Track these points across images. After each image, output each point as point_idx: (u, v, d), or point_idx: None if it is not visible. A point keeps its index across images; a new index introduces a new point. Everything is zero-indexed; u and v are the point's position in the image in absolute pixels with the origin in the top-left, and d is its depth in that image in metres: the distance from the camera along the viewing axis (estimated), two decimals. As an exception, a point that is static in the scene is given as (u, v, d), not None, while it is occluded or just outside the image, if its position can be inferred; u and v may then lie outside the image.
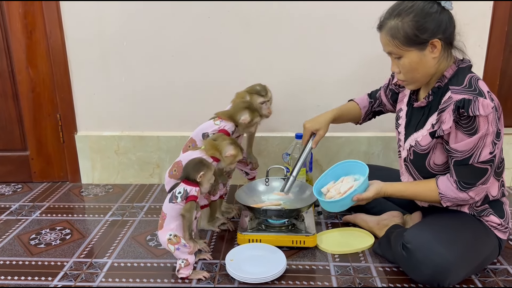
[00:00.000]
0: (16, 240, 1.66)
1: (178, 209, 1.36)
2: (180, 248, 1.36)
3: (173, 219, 1.37)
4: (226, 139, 1.55)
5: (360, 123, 1.76)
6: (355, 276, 1.40)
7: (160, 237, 1.40)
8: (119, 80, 2.07)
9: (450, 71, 1.33)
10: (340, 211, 1.59)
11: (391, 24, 1.29)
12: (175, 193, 1.37)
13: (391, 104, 1.66)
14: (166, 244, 1.37)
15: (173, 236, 1.36)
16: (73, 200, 2.02)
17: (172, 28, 1.98)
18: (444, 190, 1.32)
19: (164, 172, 2.17)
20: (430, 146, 1.35)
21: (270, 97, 1.77)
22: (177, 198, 1.36)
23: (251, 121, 1.64)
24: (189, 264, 1.38)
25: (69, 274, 1.43)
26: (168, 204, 1.38)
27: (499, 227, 1.38)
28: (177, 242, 1.36)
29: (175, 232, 1.37)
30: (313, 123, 1.62)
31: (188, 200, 1.36)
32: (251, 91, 1.75)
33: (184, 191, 1.36)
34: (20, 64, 2.05)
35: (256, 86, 1.76)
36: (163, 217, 1.39)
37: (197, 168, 1.40)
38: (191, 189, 1.37)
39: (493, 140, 1.25)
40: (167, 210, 1.38)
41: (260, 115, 1.67)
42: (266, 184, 1.75)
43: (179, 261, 1.38)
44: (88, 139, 2.15)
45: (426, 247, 1.28)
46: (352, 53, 1.98)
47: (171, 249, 1.37)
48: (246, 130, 1.69)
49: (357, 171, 1.48)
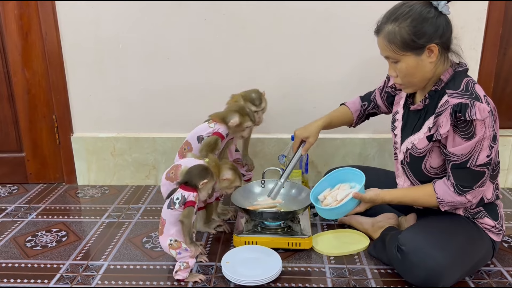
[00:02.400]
0: (12, 242, 1.66)
1: (176, 215, 1.36)
2: (181, 252, 1.37)
3: (172, 225, 1.37)
4: (228, 163, 1.55)
5: (353, 126, 1.77)
6: (350, 278, 1.41)
7: (161, 242, 1.40)
8: (115, 81, 2.07)
9: (447, 74, 1.34)
10: (335, 218, 1.61)
11: (388, 28, 1.29)
12: (173, 199, 1.37)
13: (386, 106, 1.66)
14: (167, 249, 1.38)
15: (174, 241, 1.37)
16: (69, 202, 2.02)
17: (168, 30, 1.98)
18: (442, 195, 1.33)
19: (160, 173, 2.17)
20: (427, 149, 1.36)
21: (263, 107, 1.76)
22: (175, 204, 1.36)
23: (240, 124, 1.64)
24: (188, 267, 1.39)
25: (65, 276, 1.44)
26: (167, 210, 1.38)
27: (493, 230, 1.39)
28: (178, 247, 1.37)
29: (175, 237, 1.37)
30: (303, 131, 1.62)
31: (186, 205, 1.36)
32: (246, 97, 1.74)
33: (182, 197, 1.36)
34: (16, 65, 2.05)
35: (252, 93, 1.75)
36: (163, 222, 1.39)
37: (202, 174, 1.39)
38: (189, 194, 1.36)
39: (489, 143, 1.26)
40: (166, 216, 1.38)
41: (251, 120, 1.66)
42: (262, 186, 1.76)
43: (179, 263, 1.39)
44: (84, 141, 2.15)
45: (420, 249, 1.29)
46: (349, 55, 1.98)
47: (172, 254, 1.38)
48: (237, 133, 1.68)
49: (354, 178, 1.49)
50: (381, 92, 1.66)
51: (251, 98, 1.73)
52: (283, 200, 1.72)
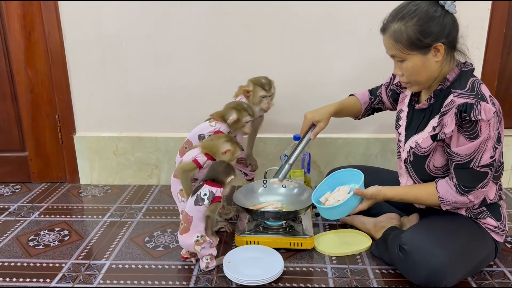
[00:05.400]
0: (15, 241, 1.67)
1: (204, 211, 1.40)
2: (205, 246, 1.41)
3: (200, 221, 1.40)
4: (221, 137, 1.55)
5: (359, 118, 1.76)
6: (352, 278, 1.41)
7: (185, 240, 1.42)
8: (117, 81, 2.07)
9: (453, 74, 1.33)
10: (339, 218, 1.60)
11: (394, 27, 1.28)
12: (201, 196, 1.39)
13: (391, 103, 1.66)
14: (192, 246, 1.41)
15: (200, 237, 1.40)
16: (71, 201, 2.03)
17: (171, 29, 1.98)
18: (444, 194, 1.33)
19: (162, 172, 2.18)
20: (431, 149, 1.35)
21: (272, 93, 1.76)
22: (204, 200, 1.39)
23: (238, 120, 1.63)
24: (213, 257, 1.44)
25: (67, 276, 1.44)
26: (194, 207, 1.40)
27: (496, 230, 1.38)
28: (204, 241, 1.40)
29: (202, 233, 1.41)
30: (315, 114, 1.61)
31: (214, 201, 1.39)
32: (256, 82, 1.74)
33: (210, 193, 1.39)
34: (19, 64, 2.05)
35: (262, 78, 1.75)
36: (189, 220, 1.40)
37: (228, 171, 1.43)
38: (217, 190, 1.40)
39: (494, 144, 1.26)
40: (193, 213, 1.40)
41: (250, 114, 1.65)
42: (264, 186, 1.76)
43: (204, 259, 1.43)
44: (87, 140, 2.15)
45: (423, 249, 1.28)
46: (351, 55, 1.98)
47: (197, 250, 1.41)
48: (237, 130, 1.67)
49: (353, 179, 1.49)
50: (386, 88, 1.65)
51: (261, 83, 1.73)
52: (285, 200, 1.72)
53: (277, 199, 1.73)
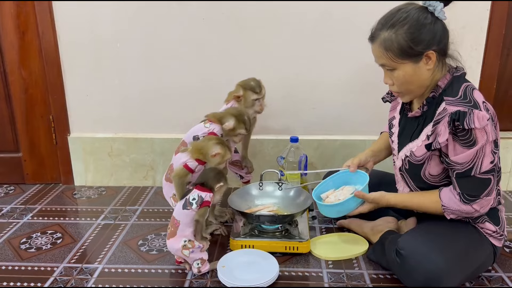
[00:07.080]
0: (7, 244, 1.64)
1: (192, 215, 1.37)
2: (194, 250, 1.38)
3: (186, 226, 1.38)
4: (212, 139, 1.53)
5: None
6: (348, 283, 1.39)
7: (172, 244, 1.39)
8: (112, 81, 2.05)
9: (445, 80, 1.31)
10: (336, 216, 1.59)
11: (384, 35, 1.26)
12: (189, 200, 1.38)
13: None
14: (180, 250, 1.38)
15: (188, 242, 1.38)
16: (65, 203, 2.00)
17: (166, 30, 1.96)
18: (447, 202, 1.31)
19: (157, 174, 2.16)
20: (425, 157, 1.34)
21: (263, 94, 1.75)
22: (192, 205, 1.37)
23: (233, 129, 1.61)
24: (205, 261, 1.41)
25: (59, 279, 1.42)
26: (182, 211, 1.37)
27: (494, 234, 1.36)
28: (192, 246, 1.38)
29: (189, 237, 1.38)
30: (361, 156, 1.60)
31: (202, 205, 1.37)
32: (246, 86, 1.72)
33: (199, 197, 1.37)
34: (13, 65, 2.03)
35: (251, 81, 1.73)
36: (176, 224, 1.38)
37: (218, 178, 1.42)
38: (206, 194, 1.38)
39: (492, 149, 1.24)
40: (180, 217, 1.38)
41: (246, 128, 1.63)
42: (260, 189, 1.73)
43: (195, 263, 1.40)
44: (81, 141, 2.13)
45: (420, 253, 1.27)
46: (348, 55, 1.96)
47: (185, 254, 1.38)
48: (229, 137, 1.65)
49: (359, 181, 1.48)
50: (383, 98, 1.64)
51: (251, 86, 1.71)
52: (281, 203, 1.70)
53: (273, 202, 1.71)
